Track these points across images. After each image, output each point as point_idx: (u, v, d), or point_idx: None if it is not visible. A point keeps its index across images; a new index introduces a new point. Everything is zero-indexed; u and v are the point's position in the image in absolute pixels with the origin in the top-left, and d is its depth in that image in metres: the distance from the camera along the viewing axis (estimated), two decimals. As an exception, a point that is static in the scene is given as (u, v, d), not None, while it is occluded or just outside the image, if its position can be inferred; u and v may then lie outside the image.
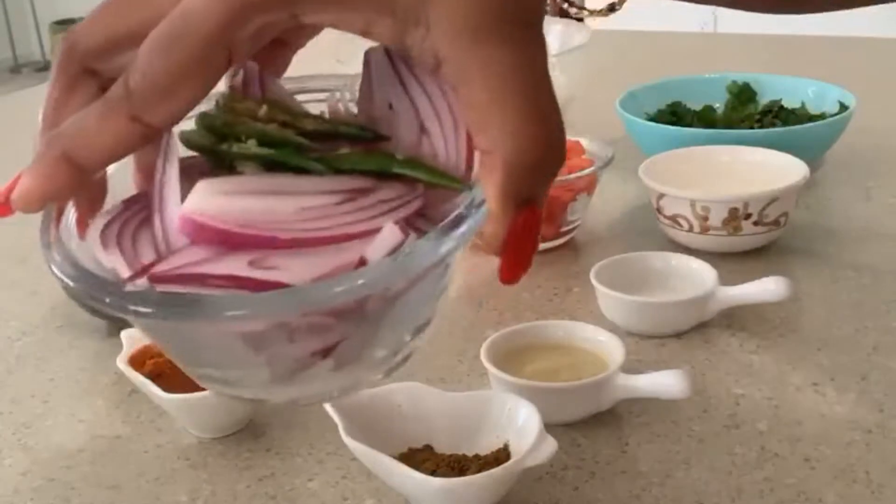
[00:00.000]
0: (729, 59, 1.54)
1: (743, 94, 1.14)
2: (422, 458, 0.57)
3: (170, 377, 0.67)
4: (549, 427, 0.56)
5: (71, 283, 0.31)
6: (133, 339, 0.70)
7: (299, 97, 0.38)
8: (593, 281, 0.76)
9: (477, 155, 0.33)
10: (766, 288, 0.74)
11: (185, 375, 0.67)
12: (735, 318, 0.76)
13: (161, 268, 0.31)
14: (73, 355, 0.79)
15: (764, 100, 1.13)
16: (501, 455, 0.57)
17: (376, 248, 0.31)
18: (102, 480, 0.63)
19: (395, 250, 0.31)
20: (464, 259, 0.84)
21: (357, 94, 0.37)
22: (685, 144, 0.96)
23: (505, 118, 0.30)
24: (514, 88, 0.30)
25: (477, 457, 0.57)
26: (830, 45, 1.61)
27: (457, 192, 0.34)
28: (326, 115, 0.37)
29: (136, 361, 0.68)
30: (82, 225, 0.35)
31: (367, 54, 0.36)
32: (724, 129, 1.03)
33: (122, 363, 0.67)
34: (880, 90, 1.33)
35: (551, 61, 0.34)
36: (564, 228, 0.89)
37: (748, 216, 0.84)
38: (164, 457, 0.65)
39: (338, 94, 0.37)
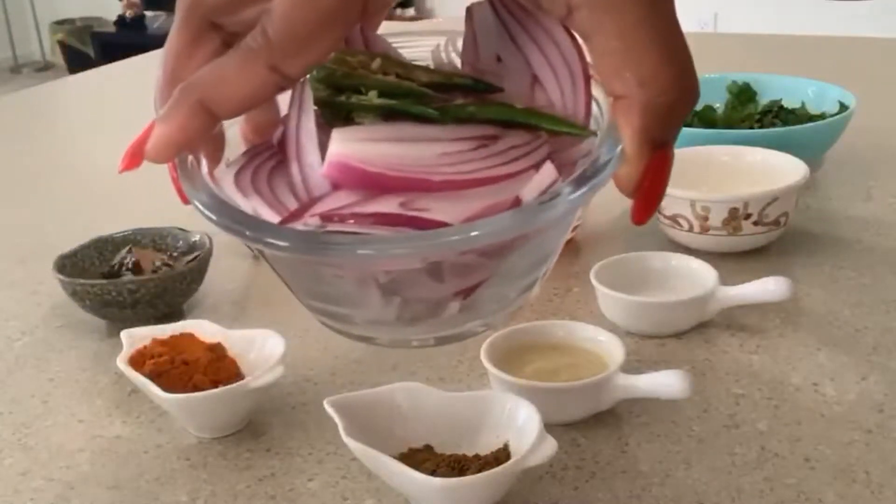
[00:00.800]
0: (729, 59, 1.54)
1: (743, 94, 1.14)
2: (422, 458, 0.57)
3: (170, 377, 0.67)
4: (549, 427, 0.56)
5: (214, 217, 0.32)
6: (133, 338, 0.70)
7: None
8: (593, 281, 0.76)
9: (595, 101, 0.35)
10: (766, 288, 0.74)
11: (184, 375, 0.68)
12: (735, 318, 0.76)
13: (320, 209, 0.31)
14: (73, 355, 0.79)
15: (764, 100, 1.13)
16: (501, 455, 0.57)
17: (533, 187, 0.31)
18: (102, 480, 0.63)
19: (547, 190, 0.31)
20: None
21: (459, 48, 0.37)
22: (685, 144, 0.96)
23: (641, 64, 0.31)
24: (648, 34, 0.31)
25: (477, 457, 0.57)
26: (830, 45, 1.61)
27: (580, 139, 0.34)
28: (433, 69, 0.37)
29: (136, 361, 0.68)
30: (210, 175, 0.36)
31: (471, 9, 0.36)
32: (724, 129, 1.03)
33: (122, 363, 0.67)
34: (880, 90, 1.33)
35: None
36: (564, 228, 0.89)
37: (748, 216, 0.84)
38: (164, 457, 0.65)
39: (442, 49, 0.38)
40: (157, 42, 2.82)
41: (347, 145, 0.31)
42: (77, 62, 4.94)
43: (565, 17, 0.33)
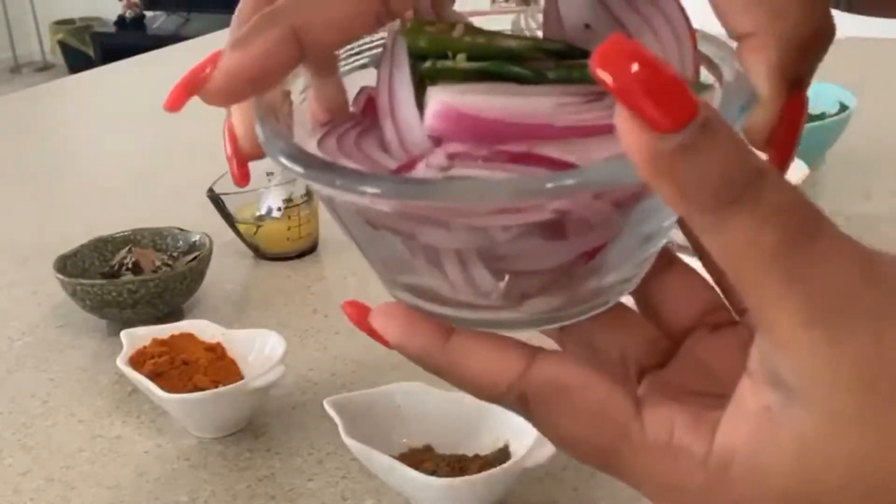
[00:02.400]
0: (729, 59, 1.54)
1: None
2: (422, 458, 0.57)
3: (170, 377, 0.67)
4: (549, 427, 0.56)
5: (301, 169, 0.27)
6: (133, 338, 0.70)
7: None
8: (593, 281, 0.76)
9: (704, 59, 0.32)
10: (766, 288, 0.74)
11: (184, 375, 0.68)
12: (735, 318, 0.76)
13: (438, 154, 0.28)
14: (73, 355, 0.79)
15: (764, 100, 1.12)
16: (501, 455, 0.57)
17: None
18: (102, 480, 0.63)
19: None
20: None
21: (540, 22, 0.34)
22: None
23: None
24: None
25: (477, 457, 0.57)
26: (830, 45, 1.61)
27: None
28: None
29: (136, 361, 0.68)
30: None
31: None
32: (724, 129, 1.03)
33: (122, 363, 0.67)
34: (880, 90, 1.33)
35: None
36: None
37: (748, 216, 0.84)
38: (164, 457, 0.65)
39: (522, 22, 0.36)
40: (157, 42, 2.82)
41: (452, 95, 0.28)
42: (77, 62, 4.94)
43: None
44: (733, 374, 0.27)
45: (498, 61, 0.31)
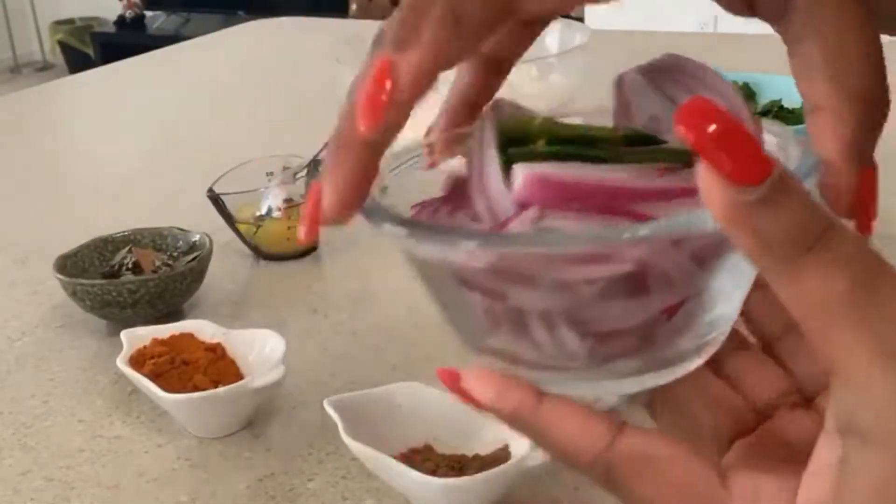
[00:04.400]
0: (729, 59, 1.54)
1: (743, 95, 1.14)
2: (422, 458, 0.57)
3: (170, 377, 0.67)
4: (549, 427, 0.56)
5: (403, 230, 0.29)
6: (133, 338, 0.70)
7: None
8: (593, 281, 0.76)
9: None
10: (765, 288, 0.74)
11: (184, 375, 0.68)
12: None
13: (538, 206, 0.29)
14: (73, 355, 0.79)
15: (764, 100, 1.13)
16: (501, 455, 0.57)
17: None
18: (102, 480, 0.63)
19: None
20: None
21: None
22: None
23: (860, 76, 0.31)
24: (865, 42, 0.31)
25: (477, 457, 0.57)
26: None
27: None
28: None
29: (136, 361, 0.68)
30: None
31: (621, 77, 0.36)
32: (724, 129, 1.03)
33: (122, 363, 0.67)
34: (880, 90, 1.33)
35: (550, 62, 0.33)
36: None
37: (748, 216, 0.84)
38: (164, 457, 0.65)
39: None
40: (157, 42, 2.82)
41: (537, 165, 0.30)
42: (77, 62, 4.94)
43: (777, 17, 0.32)
44: (812, 447, 0.28)
45: (575, 145, 0.32)
